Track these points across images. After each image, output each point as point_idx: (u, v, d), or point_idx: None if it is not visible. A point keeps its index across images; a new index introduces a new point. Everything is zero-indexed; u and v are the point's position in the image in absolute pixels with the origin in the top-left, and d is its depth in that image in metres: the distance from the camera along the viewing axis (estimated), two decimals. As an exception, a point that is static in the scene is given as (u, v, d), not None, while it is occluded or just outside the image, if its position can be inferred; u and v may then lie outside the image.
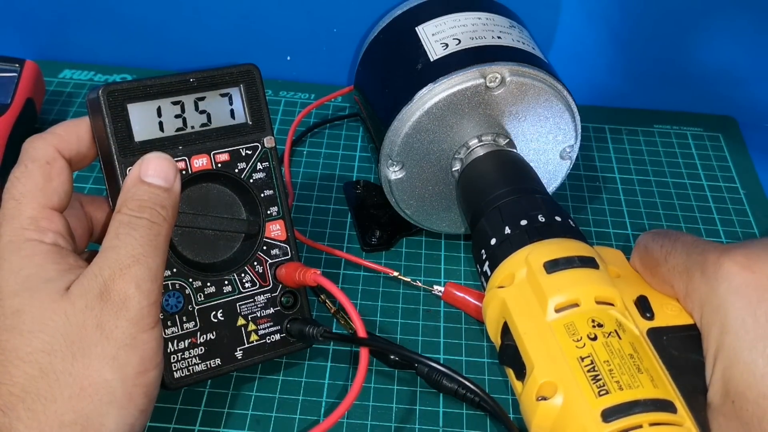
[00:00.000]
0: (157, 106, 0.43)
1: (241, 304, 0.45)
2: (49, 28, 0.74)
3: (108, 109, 0.42)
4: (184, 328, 0.43)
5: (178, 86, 0.44)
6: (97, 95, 0.42)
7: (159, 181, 0.40)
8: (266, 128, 0.46)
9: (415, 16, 0.55)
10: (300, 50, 0.74)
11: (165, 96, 0.44)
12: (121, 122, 0.42)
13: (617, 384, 0.35)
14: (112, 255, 0.38)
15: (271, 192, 0.46)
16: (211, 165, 0.45)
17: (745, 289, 0.35)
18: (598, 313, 0.38)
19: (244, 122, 0.46)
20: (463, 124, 0.51)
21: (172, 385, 0.43)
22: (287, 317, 0.46)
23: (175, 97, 0.44)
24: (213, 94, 0.45)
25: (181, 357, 0.43)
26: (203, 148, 0.44)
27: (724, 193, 0.65)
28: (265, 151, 0.46)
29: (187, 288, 0.44)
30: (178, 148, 0.44)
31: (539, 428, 0.37)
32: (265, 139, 0.46)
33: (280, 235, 0.46)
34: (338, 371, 0.50)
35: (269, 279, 0.46)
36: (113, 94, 0.42)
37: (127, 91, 0.42)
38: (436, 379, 0.48)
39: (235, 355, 0.45)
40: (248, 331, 0.45)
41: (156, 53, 0.74)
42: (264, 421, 0.47)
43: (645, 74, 0.74)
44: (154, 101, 0.43)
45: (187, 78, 0.44)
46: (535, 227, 0.43)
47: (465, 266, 0.57)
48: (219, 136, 0.45)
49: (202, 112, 0.45)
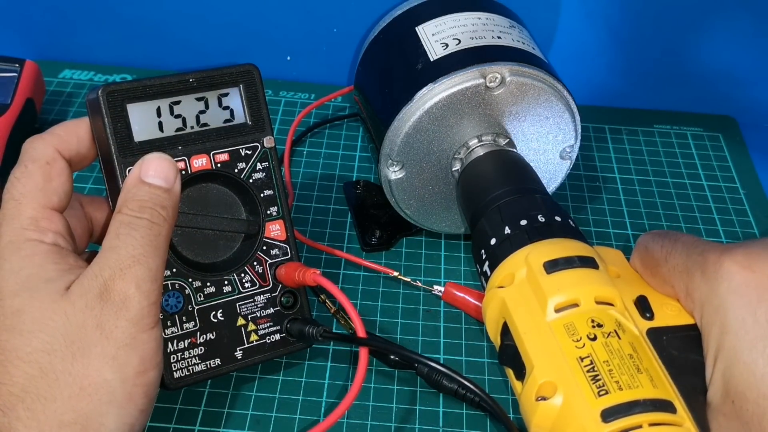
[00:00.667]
0: (156, 107, 0.43)
1: (240, 304, 0.45)
2: (49, 28, 0.74)
3: (107, 110, 0.42)
4: (184, 328, 0.43)
5: (177, 86, 0.44)
6: (97, 95, 0.42)
7: (159, 182, 0.40)
8: (266, 128, 0.46)
9: (415, 16, 0.55)
10: (300, 50, 0.74)
11: (165, 96, 0.44)
12: (121, 122, 0.42)
13: (617, 384, 0.35)
14: (113, 255, 0.38)
15: (270, 192, 0.46)
16: (210, 165, 0.44)
17: (745, 289, 0.35)
18: (597, 313, 0.38)
19: (244, 122, 0.46)
20: (463, 124, 0.51)
21: (172, 385, 0.43)
22: (287, 317, 0.46)
23: (174, 97, 0.44)
24: (213, 94, 0.45)
25: (181, 357, 0.43)
26: (203, 148, 0.44)
27: (724, 193, 0.65)
28: (264, 151, 0.46)
29: (186, 288, 0.44)
30: (178, 148, 0.44)
31: (539, 428, 0.36)
32: (265, 139, 0.46)
33: (280, 235, 0.46)
34: (338, 371, 0.50)
35: (269, 279, 0.46)
36: (113, 95, 0.42)
37: (126, 91, 0.42)
38: (436, 379, 0.48)
39: (235, 355, 0.45)
40: (248, 331, 0.45)
41: (156, 53, 0.74)
42: (264, 421, 0.47)
43: (645, 74, 0.74)
44: (153, 101, 0.43)
45: (187, 78, 0.44)
46: (535, 227, 0.43)
47: (465, 266, 0.57)
48: (218, 136, 0.45)
49: (201, 112, 0.45)
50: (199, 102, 0.45)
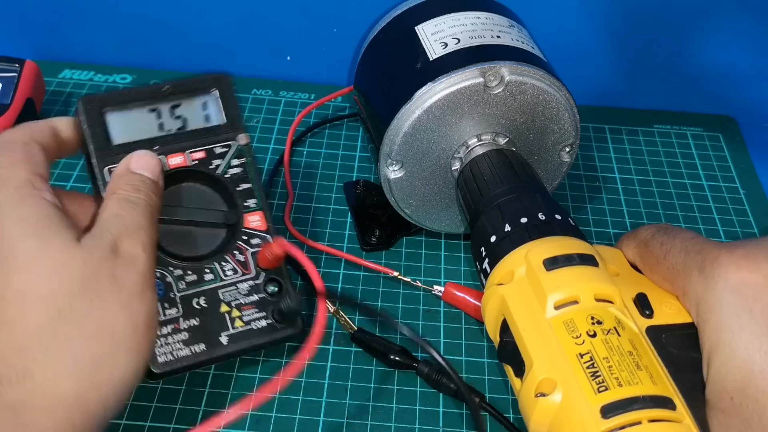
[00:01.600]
0: (134, 112, 0.46)
1: (223, 291, 0.46)
2: (49, 28, 0.74)
3: (86, 116, 0.45)
4: (167, 315, 0.44)
5: (154, 94, 0.47)
6: (77, 105, 0.45)
7: (146, 173, 0.43)
8: (240, 127, 0.48)
9: (415, 15, 0.55)
10: (300, 50, 0.74)
11: (142, 103, 0.46)
12: (99, 128, 0.45)
13: (616, 380, 0.35)
14: (117, 221, 0.40)
15: (248, 185, 0.48)
16: (186, 162, 0.47)
17: (741, 288, 0.35)
18: (597, 310, 0.38)
19: (218, 124, 0.48)
20: (462, 123, 0.51)
21: (158, 370, 0.43)
22: (273, 304, 0.47)
23: (151, 104, 0.47)
24: (188, 101, 0.48)
25: (165, 342, 0.43)
26: (179, 148, 0.47)
27: (724, 193, 0.65)
28: (239, 147, 0.48)
29: (167, 276, 0.45)
30: (155, 148, 0.46)
31: (538, 425, 0.37)
32: (239, 136, 0.48)
33: (260, 225, 0.48)
34: (338, 371, 0.50)
35: (251, 267, 0.47)
36: (91, 103, 0.45)
37: (104, 100, 0.45)
38: (436, 379, 0.48)
39: (220, 340, 0.45)
40: (232, 317, 0.45)
41: (156, 53, 0.74)
42: (264, 421, 0.47)
43: (645, 74, 0.74)
44: (131, 109, 0.46)
45: (162, 86, 0.47)
46: (535, 225, 0.43)
47: (465, 266, 0.57)
48: (194, 137, 0.47)
49: (177, 117, 0.47)
50: (175, 108, 0.47)
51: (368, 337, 0.51)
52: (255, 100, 0.71)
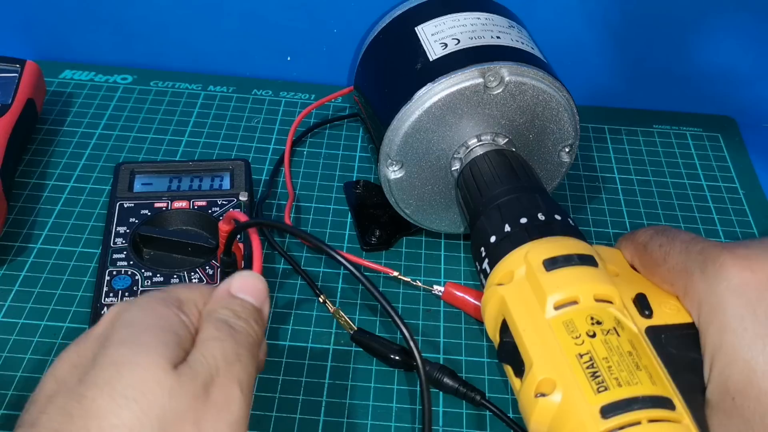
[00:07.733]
0: (157, 177, 0.58)
1: None
2: (49, 29, 0.74)
3: (118, 175, 0.57)
4: None
5: (178, 167, 0.59)
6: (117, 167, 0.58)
7: (249, 298, 0.38)
8: (244, 189, 0.56)
9: (415, 16, 0.55)
10: (300, 50, 0.74)
11: (166, 173, 0.58)
12: (125, 182, 0.57)
13: (616, 381, 0.35)
14: (217, 345, 0.34)
15: None
16: (189, 206, 0.55)
17: (744, 288, 0.35)
18: (596, 310, 0.38)
19: (227, 189, 0.57)
20: (462, 124, 0.51)
21: None
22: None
23: (174, 174, 0.58)
24: (207, 175, 0.58)
25: None
26: (186, 197, 0.56)
27: (724, 194, 0.65)
28: (240, 202, 0.56)
29: (137, 275, 0.50)
30: (165, 196, 0.55)
31: (538, 425, 0.37)
32: (240, 194, 0.56)
33: None
34: (339, 371, 0.50)
35: (218, 280, 0.50)
36: (128, 168, 0.58)
37: (138, 166, 0.58)
38: (436, 379, 0.48)
39: None
40: None
41: (156, 53, 0.74)
42: (264, 421, 0.47)
43: (645, 74, 0.74)
44: (156, 174, 0.58)
45: (187, 162, 0.59)
46: (534, 225, 0.43)
47: (465, 266, 0.57)
48: (203, 194, 0.56)
49: (194, 184, 0.57)
50: (195, 179, 0.58)
51: (368, 337, 0.51)
52: (255, 101, 0.71)
